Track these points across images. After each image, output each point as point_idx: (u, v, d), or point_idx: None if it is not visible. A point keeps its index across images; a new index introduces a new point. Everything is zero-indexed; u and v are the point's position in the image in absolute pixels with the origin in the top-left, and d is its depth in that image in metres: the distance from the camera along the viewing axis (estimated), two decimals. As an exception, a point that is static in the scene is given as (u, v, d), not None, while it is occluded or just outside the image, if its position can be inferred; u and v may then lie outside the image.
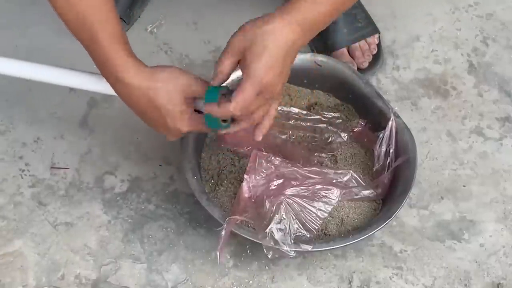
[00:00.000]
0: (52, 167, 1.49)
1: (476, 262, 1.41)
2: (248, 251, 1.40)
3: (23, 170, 1.49)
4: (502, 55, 1.65)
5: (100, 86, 1.26)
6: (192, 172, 1.37)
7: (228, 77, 1.18)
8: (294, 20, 1.13)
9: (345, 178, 1.37)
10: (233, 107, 1.14)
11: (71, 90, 1.59)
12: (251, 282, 1.38)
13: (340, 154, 1.44)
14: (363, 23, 1.60)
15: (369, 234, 1.32)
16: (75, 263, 1.40)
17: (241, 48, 1.14)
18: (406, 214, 1.45)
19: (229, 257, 1.40)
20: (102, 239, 1.42)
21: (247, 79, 1.12)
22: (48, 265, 1.39)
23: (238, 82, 1.15)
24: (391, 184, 1.39)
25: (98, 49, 1.17)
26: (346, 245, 1.33)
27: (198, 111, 1.22)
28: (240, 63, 1.16)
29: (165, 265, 1.39)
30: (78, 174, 1.49)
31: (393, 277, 1.39)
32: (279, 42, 1.12)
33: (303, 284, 1.38)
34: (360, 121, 1.45)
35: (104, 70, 1.19)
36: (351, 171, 1.38)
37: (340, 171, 1.38)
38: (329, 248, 1.32)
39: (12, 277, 1.38)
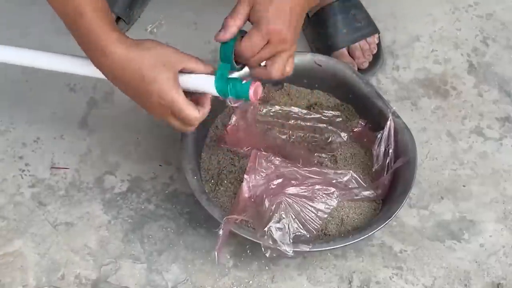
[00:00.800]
0: (52, 167, 1.49)
1: (476, 262, 1.41)
2: (248, 251, 1.40)
3: (23, 170, 1.49)
4: (502, 55, 1.65)
5: (84, 69, 1.25)
6: (192, 172, 1.37)
7: (239, 28, 1.20)
8: None
9: (345, 178, 1.37)
10: (242, 45, 1.19)
11: (71, 90, 1.59)
12: (251, 282, 1.38)
13: (340, 154, 1.44)
14: (363, 23, 1.60)
15: (369, 234, 1.32)
16: (75, 263, 1.40)
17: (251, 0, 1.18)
18: (406, 214, 1.45)
19: (229, 257, 1.40)
20: (102, 239, 1.42)
21: (255, 26, 1.18)
22: (48, 265, 1.39)
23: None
24: (391, 184, 1.39)
25: (82, 24, 1.16)
26: (346, 245, 1.33)
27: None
28: (250, 14, 1.19)
29: (165, 265, 1.39)
30: (78, 174, 1.49)
31: (393, 277, 1.39)
32: None
33: (303, 284, 1.38)
34: (360, 121, 1.45)
35: (89, 45, 1.18)
36: (351, 171, 1.38)
37: (340, 171, 1.38)
38: (329, 248, 1.32)
39: (12, 277, 1.38)
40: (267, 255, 1.29)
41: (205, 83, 1.21)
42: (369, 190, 1.38)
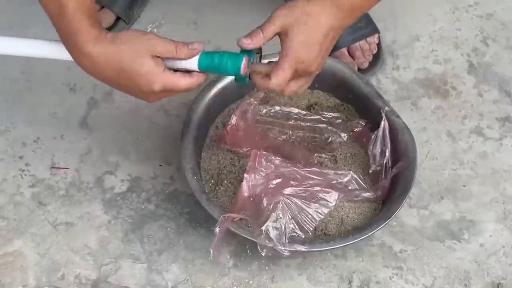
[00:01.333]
0: (52, 167, 1.49)
1: (476, 262, 1.41)
2: (248, 251, 1.40)
3: (23, 170, 1.49)
4: (502, 55, 1.65)
5: (64, 54, 1.22)
6: (192, 172, 1.36)
7: (264, 42, 1.19)
8: (333, 4, 1.16)
9: (345, 179, 1.37)
10: (274, 83, 1.18)
11: (71, 90, 1.59)
12: (251, 282, 1.38)
13: (340, 154, 1.44)
14: (363, 23, 1.60)
15: (369, 234, 1.32)
16: (75, 263, 1.40)
17: (284, 23, 1.16)
18: (406, 214, 1.45)
19: (229, 257, 1.40)
20: (102, 239, 1.42)
21: (286, 57, 1.16)
22: (48, 265, 1.39)
23: None
24: (391, 184, 1.39)
25: (63, 21, 1.16)
26: (346, 245, 1.33)
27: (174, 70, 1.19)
28: (280, 37, 1.18)
29: (165, 265, 1.39)
30: (78, 174, 1.49)
31: (393, 277, 1.39)
32: (317, 24, 1.16)
33: (303, 284, 1.38)
34: (360, 121, 1.45)
35: (68, 43, 1.18)
36: (351, 171, 1.38)
37: (340, 172, 1.38)
38: (329, 248, 1.32)
39: (12, 277, 1.38)
40: (263, 254, 1.29)
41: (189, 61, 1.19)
42: (369, 192, 1.38)
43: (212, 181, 1.41)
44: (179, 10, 1.69)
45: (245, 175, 1.33)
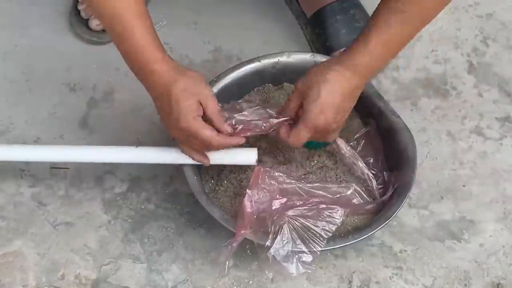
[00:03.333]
0: (52, 167, 1.49)
1: (476, 262, 1.41)
2: (248, 251, 1.40)
3: (23, 170, 1.49)
4: (502, 55, 1.65)
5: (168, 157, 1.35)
6: (192, 172, 1.36)
7: (291, 116, 1.30)
8: (349, 70, 1.25)
9: (349, 192, 1.36)
10: (291, 141, 1.29)
11: (71, 90, 1.59)
12: (251, 282, 1.38)
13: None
14: (362, 23, 1.60)
15: (369, 234, 1.32)
16: (75, 263, 1.40)
17: (303, 92, 1.27)
18: (406, 214, 1.45)
19: (229, 257, 1.40)
20: (102, 239, 1.42)
21: (302, 120, 1.26)
22: (48, 265, 1.39)
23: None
24: (391, 184, 1.39)
25: (130, 41, 1.23)
26: (346, 245, 1.33)
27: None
28: (302, 101, 1.28)
29: (165, 265, 1.39)
30: (78, 174, 1.49)
31: (393, 277, 1.39)
32: (333, 90, 1.24)
33: (303, 284, 1.38)
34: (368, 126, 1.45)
35: (136, 62, 1.24)
36: (353, 184, 1.37)
37: (343, 185, 1.37)
38: (329, 248, 1.32)
39: (12, 277, 1.38)
40: (270, 276, 1.34)
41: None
42: (372, 204, 1.37)
43: (212, 181, 1.41)
44: (179, 10, 1.69)
45: (248, 190, 1.31)
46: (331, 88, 1.24)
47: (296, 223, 1.30)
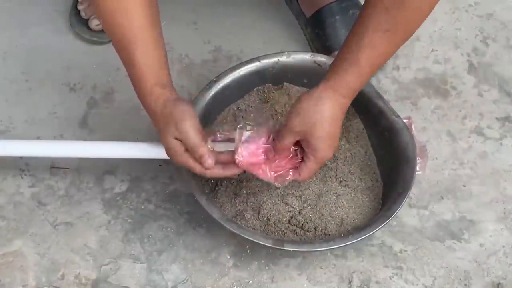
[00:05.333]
0: (52, 167, 1.49)
1: (476, 262, 1.41)
2: (248, 251, 1.40)
3: (23, 170, 1.49)
4: (502, 55, 1.65)
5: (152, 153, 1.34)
6: (192, 172, 1.36)
7: (288, 152, 1.29)
8: (342, 94, 1.24)
9: None
10: (303, 178, 1.30)
11: (71, 90, 1.59)
12: (251, 282, 1.38)
13: (340, 154, 1.44)
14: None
15: (369, 234, 1.32)
16: (75, 263, 1.40)
17: (302, 132, 1.25)
18: (406, 214, 1.45)
19: (229, 257, 1.40)
20: (102, 239, 1.42)
21: (312, 157, 1.27)
22: (48, 265, 1.39)
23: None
24: (391, 184, 1.39)
25: (132, 70, 1.25)
26: (346, 245, 1.33)
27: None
28: (301, 141, 1.27)
29: (165, 265, 1.40)
30: (78, 174, 1.49)
31: (393, 277, 1.39)
32: (332, 121, 1.25)
33: (303, 284, 1.38)
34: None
35: (138, 89, 1.26)
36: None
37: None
38: (329, 248, 1.32)
39: (12, 277, 1.38)
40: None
41: None
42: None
43: (212, 181, 1.41)
44: (179, 10, 1.69)
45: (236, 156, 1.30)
46: (331, 121, 1.24)
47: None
